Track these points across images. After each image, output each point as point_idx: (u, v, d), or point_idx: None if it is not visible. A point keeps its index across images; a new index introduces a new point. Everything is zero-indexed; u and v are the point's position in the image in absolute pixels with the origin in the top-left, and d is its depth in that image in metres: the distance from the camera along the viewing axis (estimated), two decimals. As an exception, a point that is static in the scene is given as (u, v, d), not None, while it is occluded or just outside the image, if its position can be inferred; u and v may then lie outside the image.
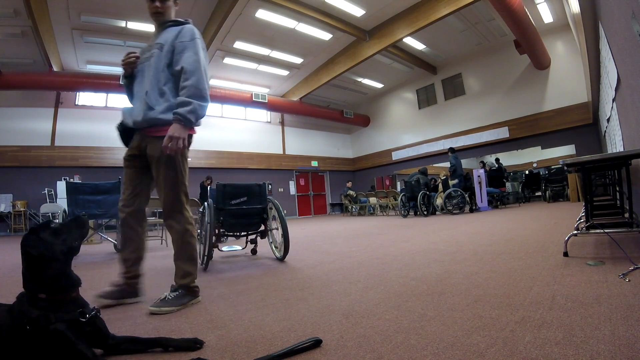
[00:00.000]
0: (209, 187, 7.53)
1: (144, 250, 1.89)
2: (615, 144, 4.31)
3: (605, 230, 2.22)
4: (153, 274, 2.67)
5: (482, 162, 10.68)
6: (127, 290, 1.78)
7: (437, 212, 8.90)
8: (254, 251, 3.42)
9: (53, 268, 1.01)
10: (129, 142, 1.84)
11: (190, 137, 1.76)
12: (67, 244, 1.07)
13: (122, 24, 7.85)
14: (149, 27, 8.04)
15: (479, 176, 8.58)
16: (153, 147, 1.71)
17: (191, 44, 1.72)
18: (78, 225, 1.14)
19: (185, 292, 1.70)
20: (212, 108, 12.57)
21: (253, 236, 3.26)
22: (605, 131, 6.08)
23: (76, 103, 10.34)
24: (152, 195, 1.89)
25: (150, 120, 1.70)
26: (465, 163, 10.83)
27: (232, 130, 13.08)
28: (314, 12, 8.02)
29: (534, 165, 14.19)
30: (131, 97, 1.84)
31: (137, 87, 1.78)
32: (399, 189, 12.83)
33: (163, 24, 1.82)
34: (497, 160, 11.19)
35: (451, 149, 9.40)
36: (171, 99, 1.72)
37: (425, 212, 8.13)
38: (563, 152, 11.19)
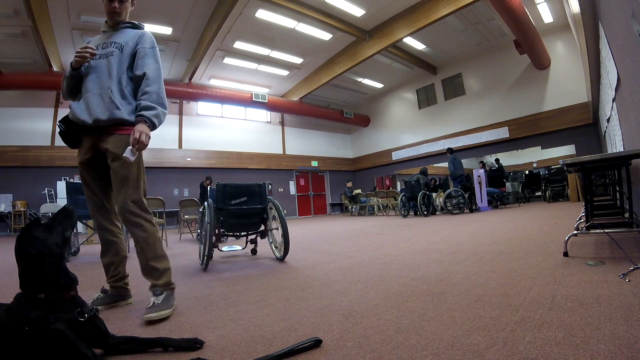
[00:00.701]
0: (208, 187, 7.53)
1: (126, 250, 1.86)
2: (615, 144, 4.31)
3: (605, 230, 2.22)
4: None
5: (482, 162, 10.69)
6: (117, 294, 1.76)
7: (437, 212, 8.90)
8: (254, 251, 3.42)
9: (51, 264, 1.02)
10: (74, 142, 1.75)
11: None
12: (60, 236, 1.09)
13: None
14: (149, 27, 8.02)
15: (479, 176, 8.58)
16: (117, 145, 1.65)
17: (152, 51, 1.76)
18: (66, 216, 1.15)
19: (169, 291, 1.64)
20: (212, 108, 12.58)
21: (253, 236, 3.26)
22: (605, 131, 6.07)
23: (76, 103, 10.37)
24: (151, 196, 1.88)
25: (116, 120, 1.65)
26: (466, 163, 10.83)
27: (232, 130, 13.08)
28: (314, 12, 8.02)
29: (534, 165, 14.19)
30: (74, 92, 1.75)
31: (90, 84, 1.68)
32: (399, 189, 12.83)
33: (117, 23, 1.80)
34: (496, 160, 11.20)
35: (449, 150, 9.38)
36: (132, 102, 1.71)
37: (425, 212, 8.13)
38: (563, 152, 11.19)
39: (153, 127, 1.66)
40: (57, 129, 1.78)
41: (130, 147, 1.57)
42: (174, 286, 1.69)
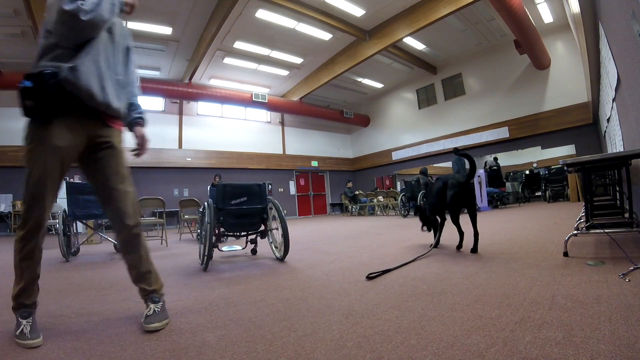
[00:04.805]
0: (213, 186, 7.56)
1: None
2: (615, 144, 4.31)
3: (605, 230, 2.22)
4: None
5: (486, 162, 10.67)
6: None
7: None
8: (254, 251, 3.42)
9: None
10: (44, 112, 1.29)
11: None
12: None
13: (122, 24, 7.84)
14: (149, 27, 8.04)
15: (479, 176, 8.58)
16: (120, 140, 1.52)
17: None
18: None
19: (163, 299, 1.53)
20: (212, 108, 12.58)
21: (253, 236, 3.26)
22: (605, 131, 6.08)
23: (76, 103, 10.36)
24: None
25: (117, 112, 1.48)
26: (466, 163, 10.81)
27: (232, 130, 13.07)
28: (314, 12, 8.01)
29: (534, 165, 14.19)
30: (79, 55, 1.32)
31: (101, 56, 1.39)
32: (399, 189, 12.83)
33: None
34: (495, 159, 11.19)
35: (455, 150, 9.36)
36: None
37: (425, 212, 8.11)
38: (563, 152, 11.19)
39: None
40: (25, 84, 1.27)
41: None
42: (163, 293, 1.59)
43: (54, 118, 1.31)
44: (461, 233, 2.81)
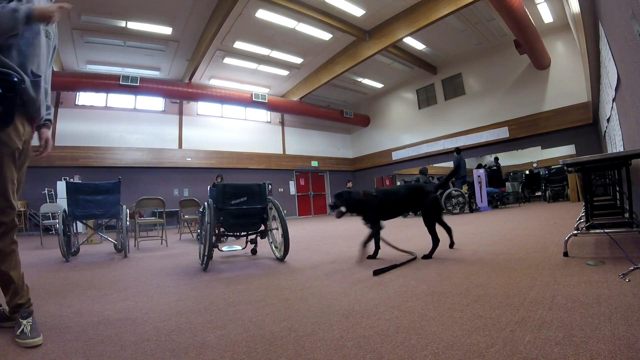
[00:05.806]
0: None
1: None
2: (615, 144, 4.31)
3: (605, 230, 2.22)
4: (152, 274, 2.67)
5: (482, 164, 10.68)
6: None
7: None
8: (254, 251, 3.42)
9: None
10: (13, 119, 1.30)
11: None
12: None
13: (122, 24, 7.85)
14: (149, 27, 8.05)
15: (479, 176, 8.58)
16: (30, 142, 1.51)
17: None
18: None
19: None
20: (212, 108, 12.58)
21: (253, 236, 3.26)
22: (605, 131, 6.07)
23: (76, 103, 10.34)
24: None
25: (42, 119, 1.50)
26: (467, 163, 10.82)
27: (232, 130, 13.08)
28: (314, 12, 8.01)
29: (534, 165, 14.19)
30: (23, 59, 1.32)
31: (42, 65, 1.41)
32: (399, 189, 12.80)
33: None
34: (496, 159, 11.19)
35: (457, 150, 9.38)
36: None
37: (425, 212, 8.10)
38: (563, 152, 11.19)
39: None
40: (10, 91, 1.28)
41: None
42: None
43: (12, 123, 1.31)
44: (436, 240, 2.69)
